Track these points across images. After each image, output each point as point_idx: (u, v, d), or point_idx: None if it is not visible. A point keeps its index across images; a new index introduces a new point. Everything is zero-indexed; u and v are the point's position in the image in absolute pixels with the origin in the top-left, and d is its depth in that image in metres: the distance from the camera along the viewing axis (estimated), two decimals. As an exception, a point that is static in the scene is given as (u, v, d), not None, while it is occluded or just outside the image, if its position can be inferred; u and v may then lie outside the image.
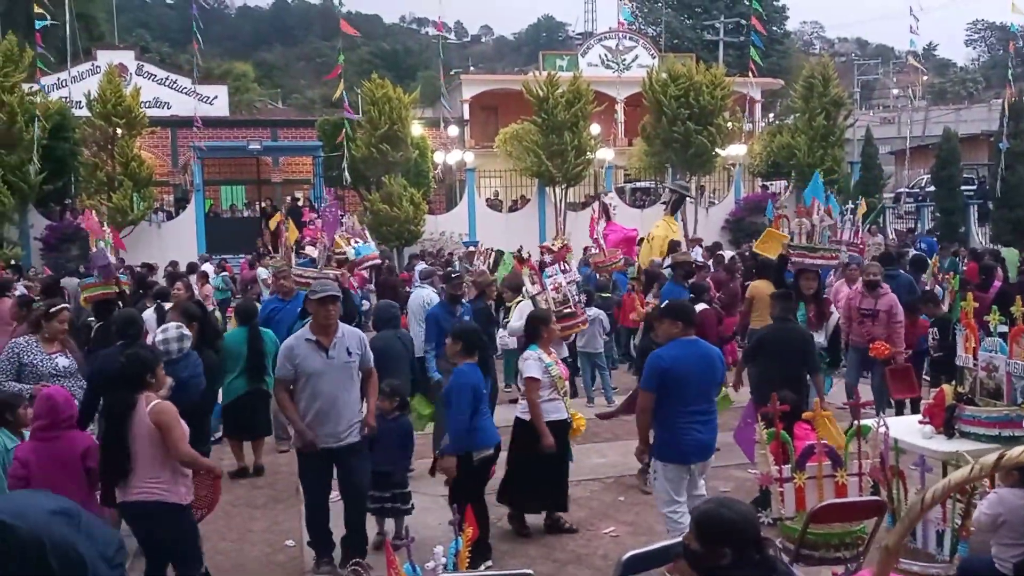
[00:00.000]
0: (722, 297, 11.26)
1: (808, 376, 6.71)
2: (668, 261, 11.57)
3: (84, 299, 8.44)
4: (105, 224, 9.83)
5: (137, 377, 4.56)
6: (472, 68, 42.39)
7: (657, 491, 5.50)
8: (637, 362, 9.16)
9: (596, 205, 14.40)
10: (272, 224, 12.29)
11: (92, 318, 8.20)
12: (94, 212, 9.59)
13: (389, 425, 5.94)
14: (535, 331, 6.29)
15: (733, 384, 7.45)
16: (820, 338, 7.79)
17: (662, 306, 6.30)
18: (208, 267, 16.39)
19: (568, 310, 7.76)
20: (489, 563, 5.50)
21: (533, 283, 7.97)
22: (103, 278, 8.16)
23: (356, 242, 10.16)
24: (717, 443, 5.63)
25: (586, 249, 15.31)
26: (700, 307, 8.29)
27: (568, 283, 8.09)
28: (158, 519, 4.54)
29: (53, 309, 6.35)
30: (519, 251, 15.13)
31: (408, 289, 11.95)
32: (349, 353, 5.50)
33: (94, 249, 8.49)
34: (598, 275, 12.36)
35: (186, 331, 6.02)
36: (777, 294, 7.35)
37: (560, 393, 6.18)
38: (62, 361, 6.23)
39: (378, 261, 11.47)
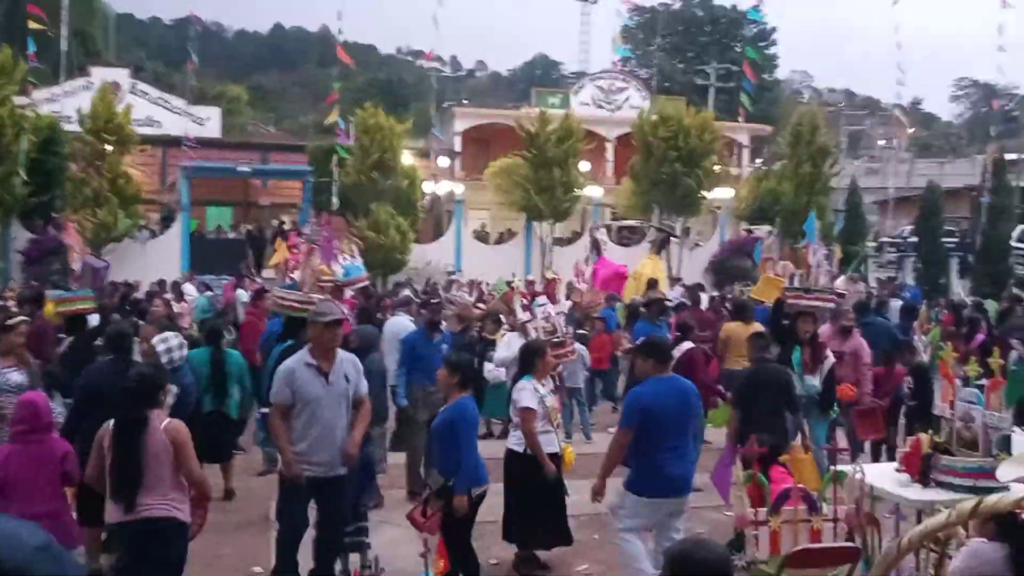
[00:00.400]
0: (709, 337, 11.28)
1: (790, 416, 6.72)
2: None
3: (57, 313, 8.34)
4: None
5: (150, 394, 4.56)
6: (465, 101, 42.67)
7: (621, 514, 5.45)
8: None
9: (588, 240, 14.42)
10: (279, 250, 12.13)
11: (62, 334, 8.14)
12: (75, 227, 9.51)
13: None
14: (530, 361, 6.20)
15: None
16: (815, 381, 7.85)
17: (638, 344, 6.31)
18: (189, 286, 16.29)
19: (557, 339, 7.78)
20: None
21: (524, 310, 7.98)
22: (90, 293, 8.14)
23: (346, 259, 10.17)
24: (696, 483, 5.61)
25: (569, 285, 15.33)
26: (687, 346, 8.31)
27: (556, 314, 8.14)
28: (168, 537, 4.49)
29: (10, 322, 6.26)
30: (512, 280, 15.08)
31: (386, 316, 11.91)
32: (347, 379, 5.40)
33: (76, 263, 8.45)
34: (576, 312, 12.37)
35: (183, 341, 6.06)
36: (754, 335, 7.40)
37: (554, 425, 6.11)
38: (15, 377, 6.04)
39: (366, 283, 11.44)
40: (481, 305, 10.93)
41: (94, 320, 8.68)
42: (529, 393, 5.97)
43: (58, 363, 7.51)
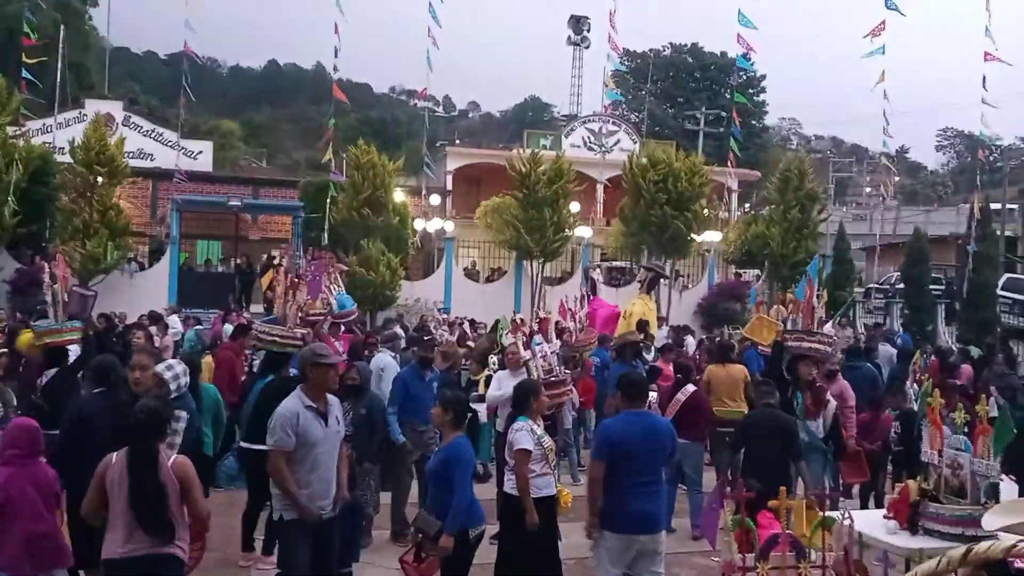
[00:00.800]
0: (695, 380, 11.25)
1: (793, 463, 6.69)
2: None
3: (37, 345, 8.20)
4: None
5: (159, 427, 4.56)
6: (458, 141, 43.05)
7: (597, 559, 5.46)
8: None
9: (585, 281, 14.33)
10: (265, 282, 12.14)
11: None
12: (64, 258, 9.42)
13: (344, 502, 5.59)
14: (525, 401, 6.00)
15: None
16: (817, 426, 7.83)
17: (617, 380, 6.34)
18: (175, 319, 16.19)
19: (555, 378, 7.71)
20: None
21: (525, 349, 7.93)
22: (78, 324, 8.07)
23: (336, 288, 10.12)
24: (679, 527, 5.57)
25: (557, 324, 15.29)
26: (691, 389, 8.27)
27: (551, 353, 8.11)
28: (168, 574, 4.47)
29: None
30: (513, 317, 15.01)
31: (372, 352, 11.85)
32: (338, 421, 5.38)
33: (64, 295, 8.36)
34: (563, 351, 12.25)
35: (185, 367, 6.10)
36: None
37: (551, 466, 5.99)
38: None
39: (354, 316, 11.35)
40: (469, 344, 10.91)
41: (74, 351, 8.56)
42: (526, 434, 5.77)
43: (40, 394, 7.42)
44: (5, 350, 6.96)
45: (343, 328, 10.48)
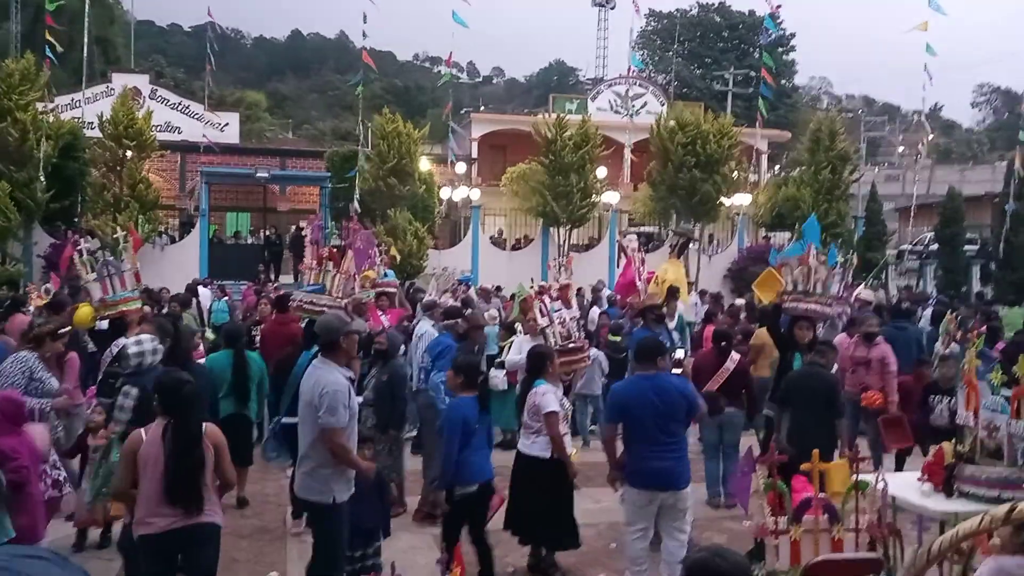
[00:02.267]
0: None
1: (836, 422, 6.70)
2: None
3: (100, 317, 8.42)
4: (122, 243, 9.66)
5: (202, 401, 4.74)
6: (482, 108, 42.76)
7: (624, 512, 5.75)
8: None
9: (624, 244, 14.08)
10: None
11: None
12: (77, 255, 9.32)
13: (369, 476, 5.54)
14: (541, 365, 6.21)
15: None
16: None
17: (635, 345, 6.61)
18: (205, 291, 16.36)
19: (572, 345, 7.71)
20: None
21: (543, 316, 7.92)
22: (134, 293, 8.25)
23: (386, 266, 10.15)
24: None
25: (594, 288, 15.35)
26: (736, 357, 8.19)
27: (571, 319, 8.08)
28: (212, 542, 4.57)
29: (62, 330, 6.42)
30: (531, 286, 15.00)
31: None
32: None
33: (137, 264, 8.56)
34: (628, 318, 12.04)
35: (159, 345, 5.98)
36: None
37: (567, 427, 6.20)
38: (54, 383, 6.24)
39: (393, 290, 11.28)
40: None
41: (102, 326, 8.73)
42: (552, 397, 5.98)
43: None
44: (68, 328, 7.09)
45: (389, 302, 10.43)
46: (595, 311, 13.97)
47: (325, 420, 4.85)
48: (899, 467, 8.15)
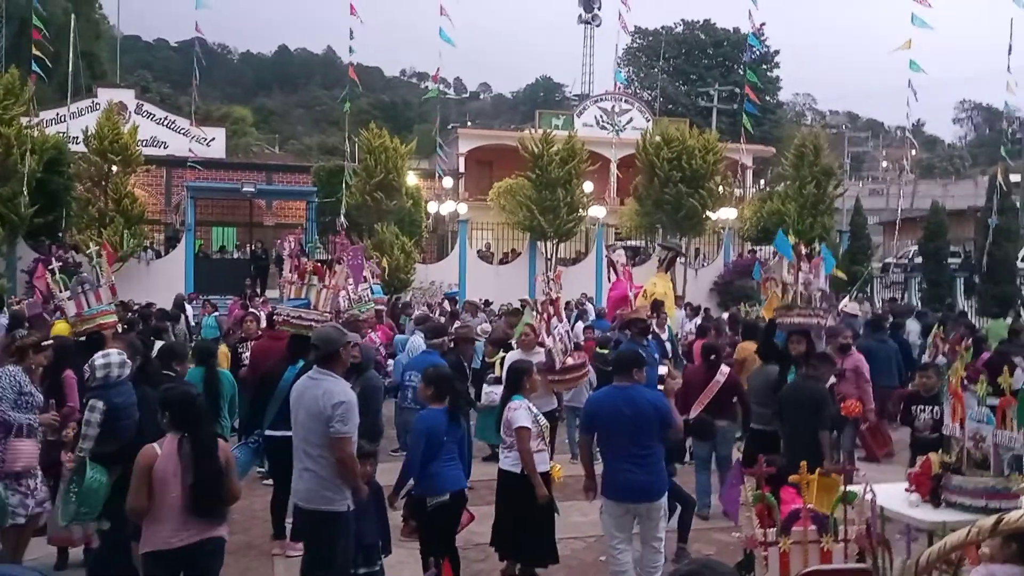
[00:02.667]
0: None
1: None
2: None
3: (78, 333, 8.35)
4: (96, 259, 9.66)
5: (209, 412, 4.80)
6: (469, 123, 42.89)
7: (603, 523, 5.82)
8: None
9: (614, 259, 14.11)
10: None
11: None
12: (49, 274, 9.32)
13: (370, 491, 5.42)
14: (518, 381, 6.24)
15: None
16: None
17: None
18: (187, 307, 16.30)
19: (574, 362, 7.73)
20: None
21: (547, 336, 7.92)
22: (110, 307, 8.20)
23: (376, 281, 10.12)
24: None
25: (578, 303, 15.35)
26: (726, 370, 8.20)
27: (565, 332, 8.11)
28: (221, 555, 4.62)
29: (45, 343, 6.37)
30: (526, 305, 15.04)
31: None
32: None
33: (111, 278, 8.52)
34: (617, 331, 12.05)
35: (127, 359, 5.91)
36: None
37: (546, 443, 6.15)
38: (40, 397, 6.17)
39: (381, 306, 11.28)
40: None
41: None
42: (524, 413, 5.99)
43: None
44: (49, 341, 7.02)
45: (376, 319, 10.40)
46: (579, 325, 13.98)
47: (338, 429, 4.83)
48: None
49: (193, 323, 16.67)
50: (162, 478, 4.30)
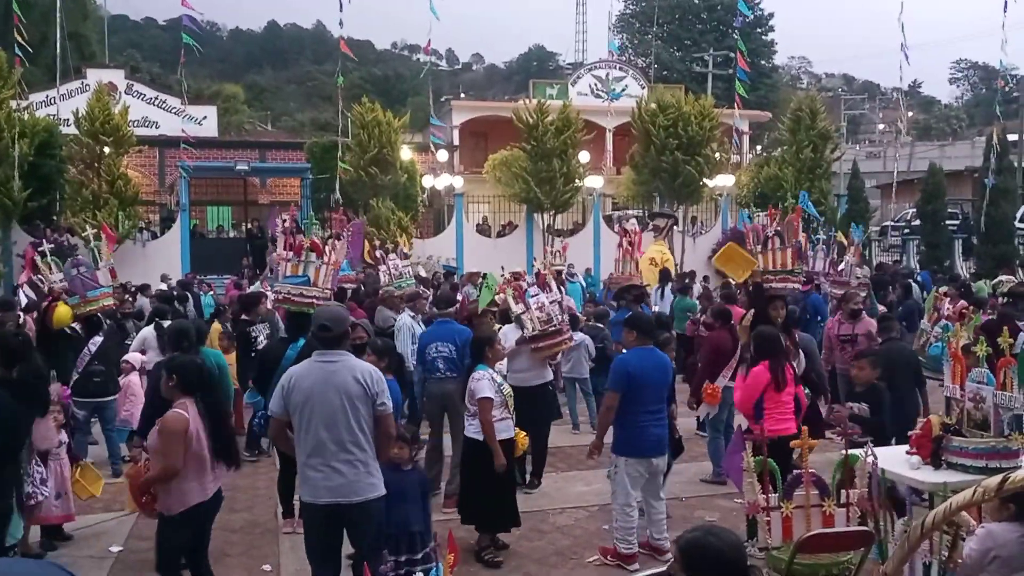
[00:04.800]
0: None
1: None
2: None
3: (79, 316, 8.43)
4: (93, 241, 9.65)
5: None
6: (463, 95, 42.55)
7: (617, 486, 6.03)
8: None
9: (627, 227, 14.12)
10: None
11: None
12: (39, 256, 9.39)
13: (410, 476, 5.31)
14: (480, 351, 6.40)
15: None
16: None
17: (624, 319, 6.96)
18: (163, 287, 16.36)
19: (553, 328, 7.76)
20: None
21: (517, 303, 7.93)
22: (107, 290, 8.25)
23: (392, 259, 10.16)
24: (701, 471, 5.65)
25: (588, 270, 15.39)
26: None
27: (551, 303, 8.08)
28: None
29: (21, 322, 6.40)
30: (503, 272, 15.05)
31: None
32: None
33: (111, 262, 8.56)
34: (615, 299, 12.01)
35: None
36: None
37: (510, 411, 6.32)
38: None
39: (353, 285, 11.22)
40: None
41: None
42: (487, 383, 6.15)
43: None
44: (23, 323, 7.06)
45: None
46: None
47: (387, 405, 4.67)
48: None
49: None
50: (196, 436, 4.69)
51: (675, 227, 20.56)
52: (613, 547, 6.06)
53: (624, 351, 6.45)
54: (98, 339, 8.30)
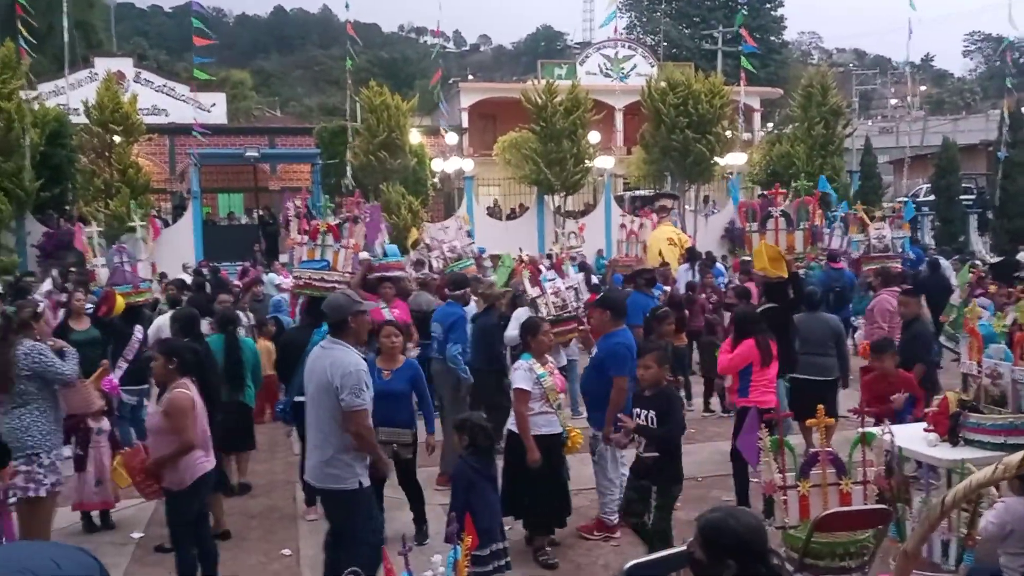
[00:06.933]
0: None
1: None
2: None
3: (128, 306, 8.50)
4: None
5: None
6: (471, 76, 42.33)
7: (605, 462, 6.24)
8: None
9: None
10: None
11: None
12: (83, 225, 9.48)
13: (472, 465, 5.16)
14: (524, 340, 6.15)
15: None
16: None
17: (598, 298, 7.12)
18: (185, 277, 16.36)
19: (567, 314, 7.70)
20: None
21: (533, 286, 7.90)
22: (149, 284, 8.35)
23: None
24: (716, 450, 5.63)
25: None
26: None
27: (567, 288, 8.00)
28: None
29: (39, 309, 6.42)
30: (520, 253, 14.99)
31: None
32: None
33: (91, 263, 8.57)
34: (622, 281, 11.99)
35: None
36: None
37: (553, 405, 5.90)
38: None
39: (400, 273, 10.64)
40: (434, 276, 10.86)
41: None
42: (523, 373, 5.83)
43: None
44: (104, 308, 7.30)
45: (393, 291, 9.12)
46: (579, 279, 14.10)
47: (350, 402, 4.61)
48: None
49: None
50: (200, 412, 5.12)
51: (673, 210, 20.45)
52: (597, 521, 6.30)
53: (612, 333, 6.25)
54: (140, 328, 8.20)
